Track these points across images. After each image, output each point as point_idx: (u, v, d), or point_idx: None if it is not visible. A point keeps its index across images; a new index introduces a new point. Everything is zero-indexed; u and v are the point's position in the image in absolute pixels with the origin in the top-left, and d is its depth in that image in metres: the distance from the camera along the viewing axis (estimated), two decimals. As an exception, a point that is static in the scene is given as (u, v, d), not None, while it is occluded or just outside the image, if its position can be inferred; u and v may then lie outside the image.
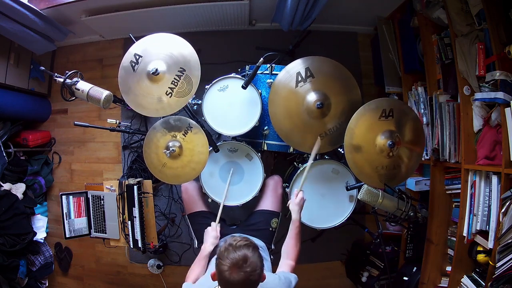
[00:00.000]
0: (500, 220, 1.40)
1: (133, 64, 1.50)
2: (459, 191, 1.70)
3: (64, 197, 1.97)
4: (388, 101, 1.47)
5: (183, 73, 1.46)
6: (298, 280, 1.25)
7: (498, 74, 1.47)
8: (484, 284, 1.53)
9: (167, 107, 1.49)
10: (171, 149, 1.52)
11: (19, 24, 2.02)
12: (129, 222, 1.87)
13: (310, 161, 1.52)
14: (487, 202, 1.52)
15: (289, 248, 1.38)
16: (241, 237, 1.04)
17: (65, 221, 1.97)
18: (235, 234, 1.08)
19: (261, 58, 1.49)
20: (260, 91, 1.66)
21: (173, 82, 1.47)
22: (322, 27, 2.55)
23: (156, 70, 1.45)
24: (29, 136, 2.48)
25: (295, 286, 1.23)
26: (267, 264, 1.44)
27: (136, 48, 1.52)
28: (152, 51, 1.50)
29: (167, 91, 1.47)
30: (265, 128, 1.72)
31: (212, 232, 1.46)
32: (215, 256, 1.09)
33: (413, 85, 2.08)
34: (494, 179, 1.49)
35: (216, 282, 1.02)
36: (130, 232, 1.87)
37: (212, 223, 1.51)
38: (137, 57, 1.49)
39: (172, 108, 1.49)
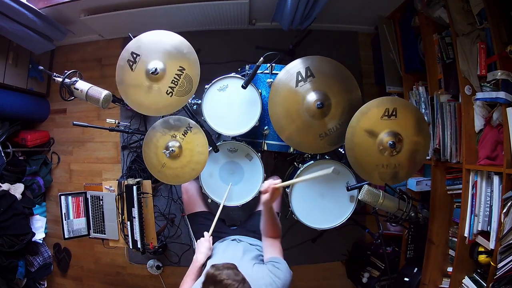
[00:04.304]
0: (502, 220, 1.39)
1: (131, 63, 1.48)
2: (460, 191, 1.69)
3: (63, 197, 1.96)
4: (392, 100, 1.46)
5: (183, 72, 1.45)
6: (292, 274, 1.17)
7: (499, 73, 1.46)
8: (485, 285, 1.52)
9: (168, 106, 1.48)
10: (170, 149, 1.51)
11: (17, 23, 2.01)
12: (128, 223, 1.86)
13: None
14: (489, 202, 1.51)
15: (269, 231, 1.31)
16: (225, 278, 0.90)
17: (64, 222, 1.96)
18: (217, 263, 0.98)
19: (261, 58, 1.48)
20: (260, 90, 1.65)
21: (173, 81, 1.46)
22: (323, 27, 2.54)
23: (156, 69, 1.44)
24: (27, 136, 2.47)
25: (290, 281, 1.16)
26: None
27: (133, 46, 1.49)
28: (149, 50, 1.47)
29: (167, 90, 1.46)
30: (265, 128, 1.71)
31: (205, 243, 1.39)
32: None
33: (414, 84, 2.08)
34: (496, 180, 1.48)
35: None
36: (129, 233, 1.86)
37: (205, 233, 1.44)
38: (135, 55, 1.47)
39: (173, 107, 1.48)
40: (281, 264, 1.18)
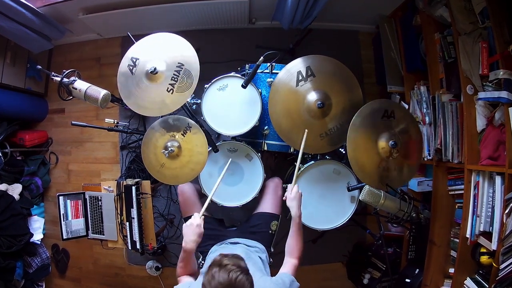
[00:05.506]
0: (504, 221, 1.38)
1: (131, 68, 1.48)
2: (462, 191, 1.68)
3: (61, 198, 1.95)
4: (389, 102, 1.46)
5: (182, 68, 1.44)
6: (298, 285, 1.21)
7: (501, 73, 1.46)
8: (487, 286, 1.51)
9: (170, 105, 1.47)
10: (169, 149, 1.50)
11: (15, 22, 1.99)
12: (127, 223, 1.84)
13: (300, 155, 1.45)
14: (491, 203, 1.50)
15: (291, 246, 1.35)
16: (230, 263, 0.93)
17: (62, 222, 1.95)
18: (226, 252, 0.99)
19: (261, 57, 1.47)
20: (260, 90, 1.64)
21: (173, 78, 1.44)
22: (323, 25, 2.53)
23: (155, 68, 1.42)
24: (25, 136, 2.45)
25: None
26: (266, 267, 1.41)
27: (133, 51, 1.51)
28: (148, 51, 1.48)
29: (168, 88, 1.45)
30: (265, 128, 1.70)
31: (194, 228, 1.22)
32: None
33: (416, 84, 2.06)
34: (498, 180, 1.47)
35: None
36: (128, 234, 1.85)
37: (195, 214, 1.27)
38: (134, 59, 1.47)
39: (175, 104, 1.46)
40: (289, 278, 1.20)
